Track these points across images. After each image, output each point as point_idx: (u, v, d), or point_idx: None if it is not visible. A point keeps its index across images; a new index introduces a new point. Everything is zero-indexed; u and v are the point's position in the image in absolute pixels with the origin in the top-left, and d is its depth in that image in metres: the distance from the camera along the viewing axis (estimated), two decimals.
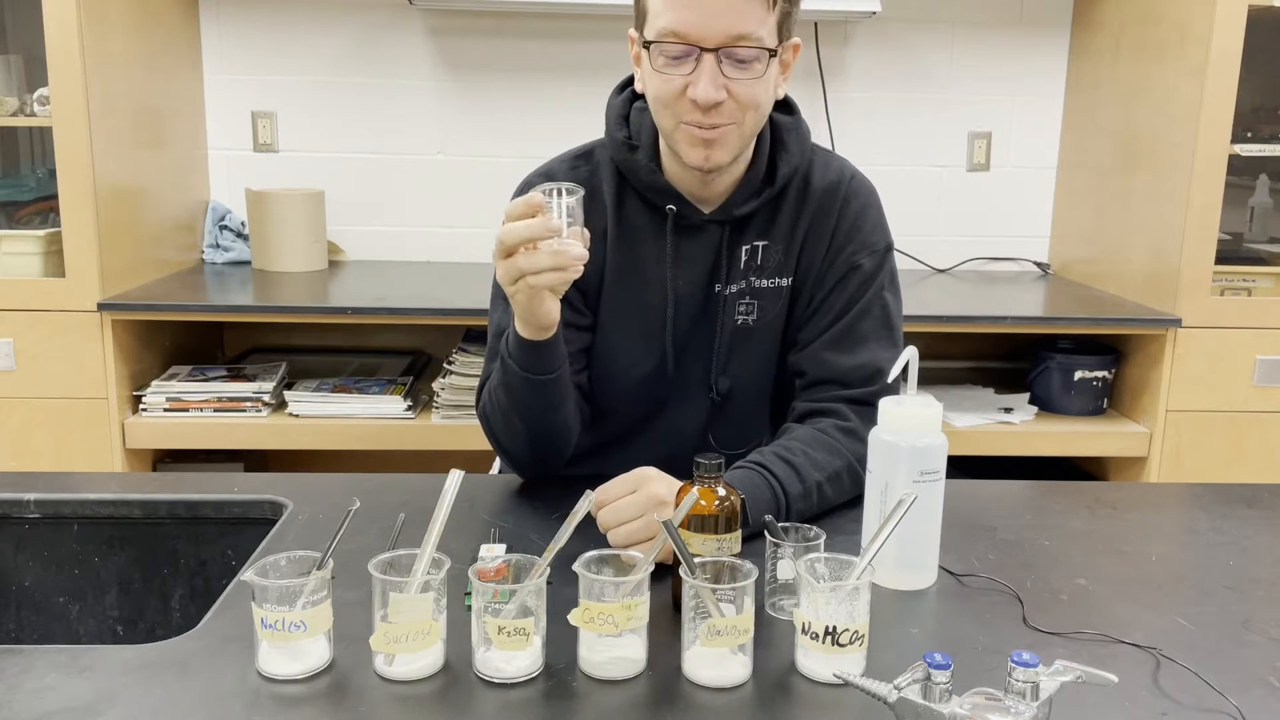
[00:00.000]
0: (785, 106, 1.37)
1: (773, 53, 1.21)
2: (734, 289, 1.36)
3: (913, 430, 1.06)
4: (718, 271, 1.35)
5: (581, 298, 1.36)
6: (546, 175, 1.37)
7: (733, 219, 1.34)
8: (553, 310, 1.16)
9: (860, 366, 1.33)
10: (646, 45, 1.22)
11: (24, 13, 2.39)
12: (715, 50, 1.18)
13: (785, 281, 1.37)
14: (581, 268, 1.10)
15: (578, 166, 1.37)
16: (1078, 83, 2.86)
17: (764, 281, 1.37)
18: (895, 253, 1.40)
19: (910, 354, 1.10)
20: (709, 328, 1.38)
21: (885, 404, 1.08)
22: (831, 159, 1.40)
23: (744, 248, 1.35)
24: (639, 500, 1.09)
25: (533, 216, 1.08)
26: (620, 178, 1.35)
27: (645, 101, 1.30)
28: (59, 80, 2.17)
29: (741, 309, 1.37)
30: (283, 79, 2.81)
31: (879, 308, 1.35)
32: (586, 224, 1.10)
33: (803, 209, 1.36)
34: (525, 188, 1.38)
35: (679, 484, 1.10)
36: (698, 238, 1.35)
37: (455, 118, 2.85)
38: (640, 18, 1.25)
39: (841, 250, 1.36)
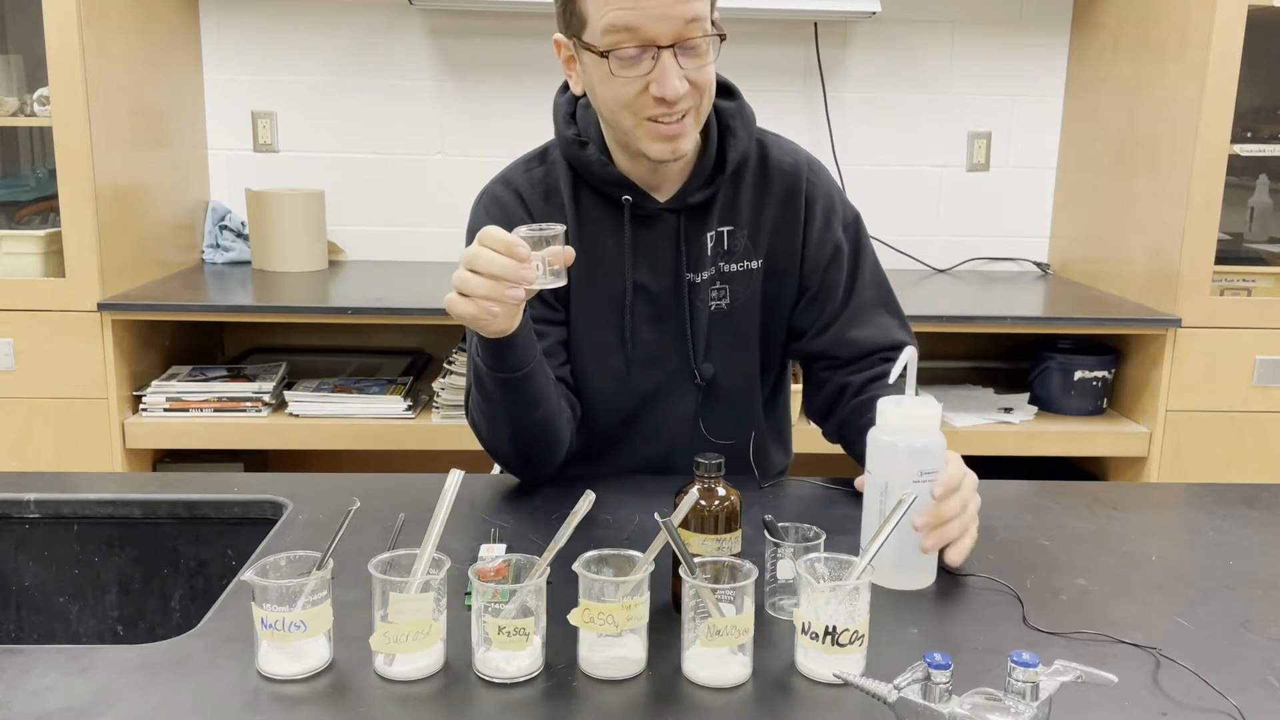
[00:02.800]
0: (726, 92, 1.38)
1: (723, 36, 1.23)
2: (704, 276, 1.38)
3: (912, 430, 1.06)
4: (683, 260, 1.37)
5: (553, 293, 1.37)
6: (504, 181, 1.40)
7: (688, 206, 1.36)
8: (500, 325, 1.14)
9: (884, 334, 1.41)
10: (605, 54, 1.21)
11: (24, 13, 2.39)
12: (671, 46, 1.19)
13: (755, 264, 1.40)
14: (523, 292, 1.08)
15: (532, 169, 1.40)
16: (1078, 83, 2.86)
17: (733, 266, 1.39)
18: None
19: (910, 354, 1.10)
20: (682, 316, 1.39)
21: (885, 404, 1.08)
22: (783, 142, 1.44)
23: (709, 234, 1.37)
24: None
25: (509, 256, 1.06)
26: (574, 174, 1.37)
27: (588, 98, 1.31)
28: (59, 80, 2.17)
29: (714, 295, 1.40)
30: (283, 79, 2.81)
31: (870, 274, 1.43)
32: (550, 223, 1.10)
33: (766, 192, 1.39)
34: (486, 197, 1.40)
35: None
36: (656, 227, 1.37)
37: (455, 118, 2.85)
38: (576, 23, 1.24)
39: (824, 237, 1.40)
